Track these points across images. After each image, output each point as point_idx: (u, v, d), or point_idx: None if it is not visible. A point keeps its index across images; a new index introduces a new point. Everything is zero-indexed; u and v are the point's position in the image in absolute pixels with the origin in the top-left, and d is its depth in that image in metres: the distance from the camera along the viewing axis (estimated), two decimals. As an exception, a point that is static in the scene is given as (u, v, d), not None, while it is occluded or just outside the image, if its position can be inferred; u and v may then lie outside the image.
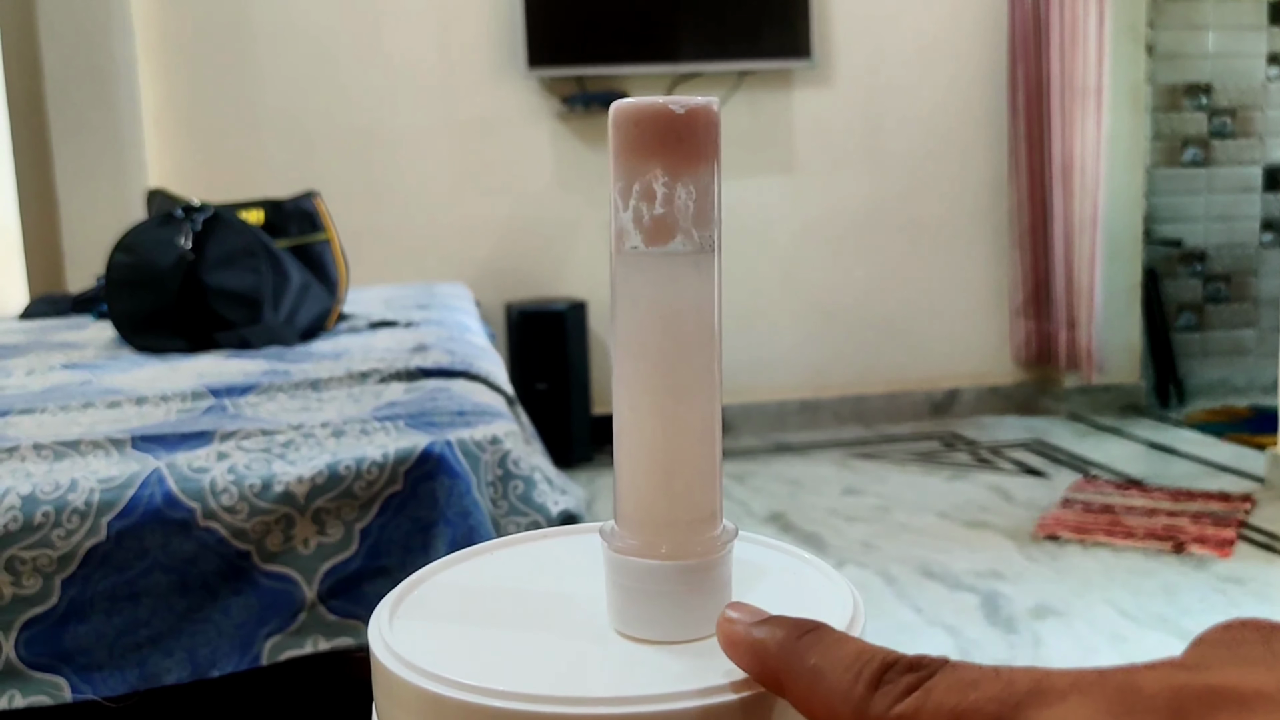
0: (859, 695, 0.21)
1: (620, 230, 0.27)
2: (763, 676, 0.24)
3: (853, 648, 0.23)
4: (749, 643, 0.24)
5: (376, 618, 0.30)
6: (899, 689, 0.21)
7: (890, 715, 0.20)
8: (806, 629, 0.23)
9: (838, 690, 0.21)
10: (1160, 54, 3.81)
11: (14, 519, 0.91)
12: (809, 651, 0.23)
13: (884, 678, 0.21)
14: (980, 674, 0.20)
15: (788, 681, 0.23)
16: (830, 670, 0.22)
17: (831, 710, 0.21)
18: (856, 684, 0.21)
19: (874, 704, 0.21)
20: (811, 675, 0.22)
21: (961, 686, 0.20)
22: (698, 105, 0.26)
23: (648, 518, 0.29)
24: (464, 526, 0.95)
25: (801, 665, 0.22)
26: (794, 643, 0.23)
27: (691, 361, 0.28)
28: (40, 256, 2.98)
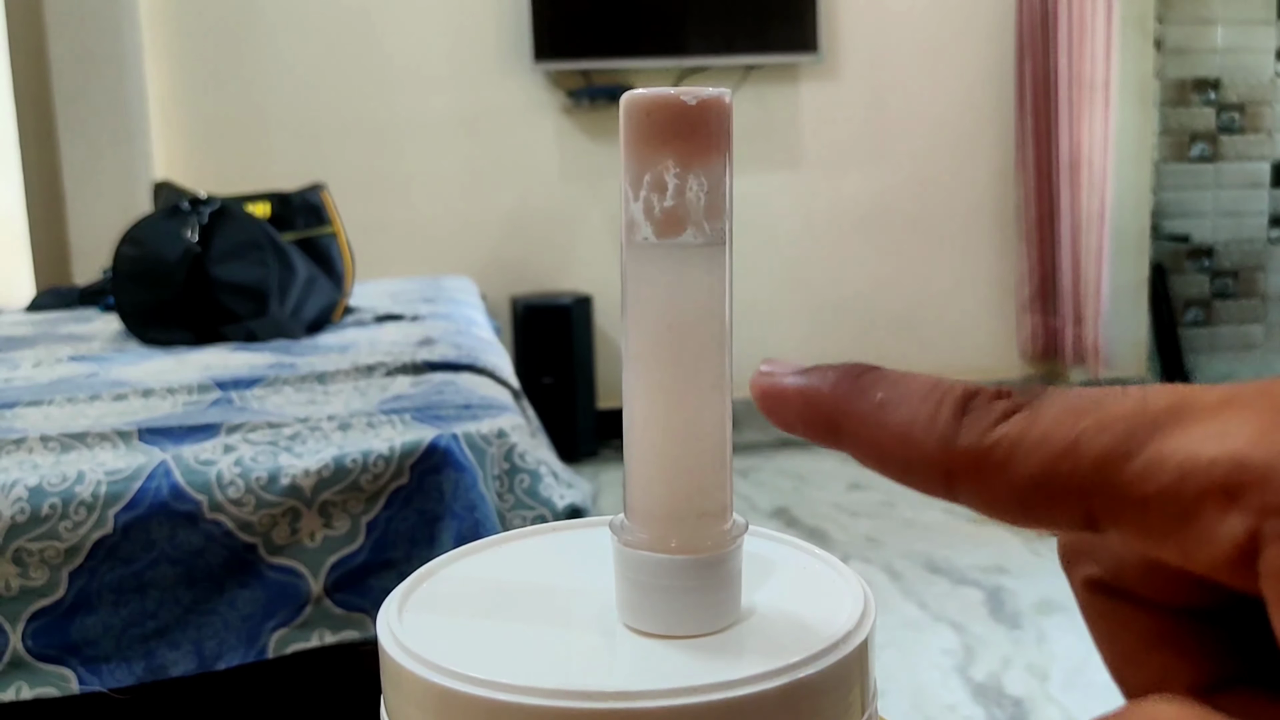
0: (943, 424, 0.17)
1: (631, 222, 0.27)
2: (814, 425, 0.20)
3: (924, 379, 0.19)
4: (795, 390, 0.21)
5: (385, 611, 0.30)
6: (993, 414, 0.17)
7: (985, 444, 0.17)
8: (862, 368, 0.20)
9: (916, 423, 0.18)
10: (1168, 49, 3.80)
11: (21, 511, 0.91)
12: (872, 388, 0.19)
13: (970, 405, 0.18)
14: (1101, 393, 0.16)
15: (849, 424, 0.19)
16: (903, 403, 0.18)
17: (907, 447, 0.18)
18: (939, 413, 0.18)
19: (963, 433, 0.17)
20: (879, 412, 0.19)
21: (1078, 408, 0.16)
22: (710, 96, 0.26)
23: (658, 511, 0.28)
24: (470, 520, 0.96)
25: (865, 403, 0.19)
26: (852, 382, 0.20)
27: (702, 354, 0.28)
28: (47, 249, 2.98)
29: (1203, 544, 0.15)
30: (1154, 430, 0.15)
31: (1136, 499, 0.15)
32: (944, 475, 0.17)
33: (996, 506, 0.17)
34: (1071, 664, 1.80)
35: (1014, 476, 0.16)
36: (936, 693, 1.76)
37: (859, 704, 0.28)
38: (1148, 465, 0.15)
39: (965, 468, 0.17)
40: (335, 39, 3.26)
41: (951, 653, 1.88)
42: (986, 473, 0.17)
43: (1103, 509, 0.16)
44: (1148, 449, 0.15)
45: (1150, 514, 0.15)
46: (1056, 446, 0.16)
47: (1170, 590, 0.18)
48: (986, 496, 0.17)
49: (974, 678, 1.80)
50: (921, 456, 0.18)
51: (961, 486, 0.17)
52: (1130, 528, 0.16)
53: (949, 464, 0.17)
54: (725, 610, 0.29)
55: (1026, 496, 0.16)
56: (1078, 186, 3.49)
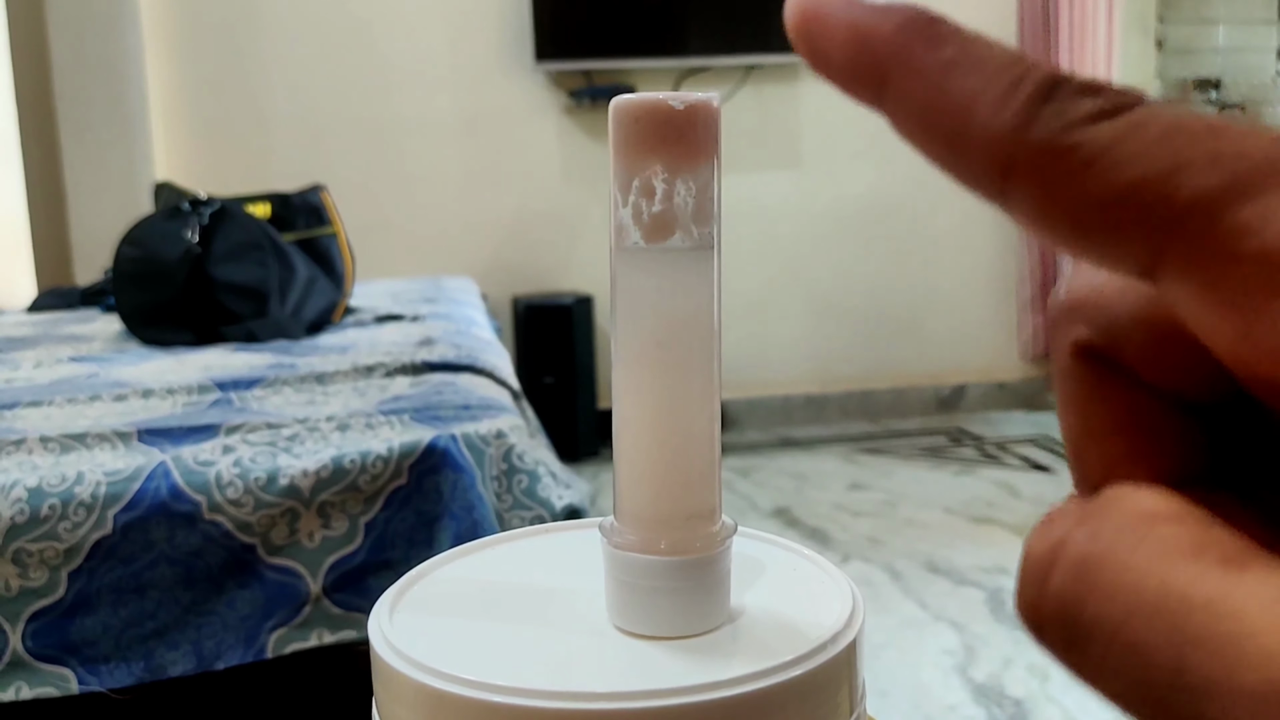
0: (1020, 105, 0.14)
1: (620, 226, 0.28)
2: (859, 69, 0.16)
3: (1005, 49, 0.15)
4: (845, 21, 0.16)
5: (377, 612, 0.30)
6: (1084, 109, 0.14)
7: (1066, 141, 0.14)
8: (931, 15, 0.16)
9: (986, 95, 0.14)
10: (1170, 48, 3.80)
11: (21, 511, 0.91)
12: (942, 42, 0.15)
13: (1056, 93, 0.14)
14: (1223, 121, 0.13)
15: (902, 77, 0.15)
16: (976, 69, 0.15)
17: (967, 121, 0.15)
18: (1017, 90, 0.14)
19: (1042, 121, 0.14)
20: (945, 70, 0.15)
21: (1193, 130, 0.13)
22: (697, 102, 0.26)
23: (647, 513, 0.29)
24: (468, 520, 0.96)
25: (930, 57, 0.15)
26: (919, 29, 0.15)
27: (691, 357, 0.28)
28: (48, 249, 2.99)
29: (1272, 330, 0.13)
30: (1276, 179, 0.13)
31: (1225, 252, 0.13)
32: (1002, 165, 0.14)
33: (1054, 220, 0.14)
34: (1071, 664, 1.80)
35: (1089, 188, 0.14)
36: (937, 693, 1.76)
37: (847, 704, 0.28)
38: (1258, 217, 0.13)
39: (1031, 163, 0.14)
40: (336, 39, 3.26)
41: (952, 653, 1.88)
42: (1056, 175, 0.14)
43: (1177, 255, 0.13)
44: (1263, 199, 0.13)
45: (1229, 276, 0.13)
46: (1152, 168, 0.13)
47: (1166, 370, 0.16)
48: (1045, 204, 0.14)
49: (975, 678, 1.80)
50: (981, 135, 0.15)
51: (1018, 184, 0.14)
52: (1196, 286, 0.13)
53: (1013, 153, 0.14)
54: (714, 611, 0.29)
55: (1092, 217, 0.14)
56: (1079, 186, 3.48)
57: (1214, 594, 0.12)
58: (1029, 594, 0.14)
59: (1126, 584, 0.13)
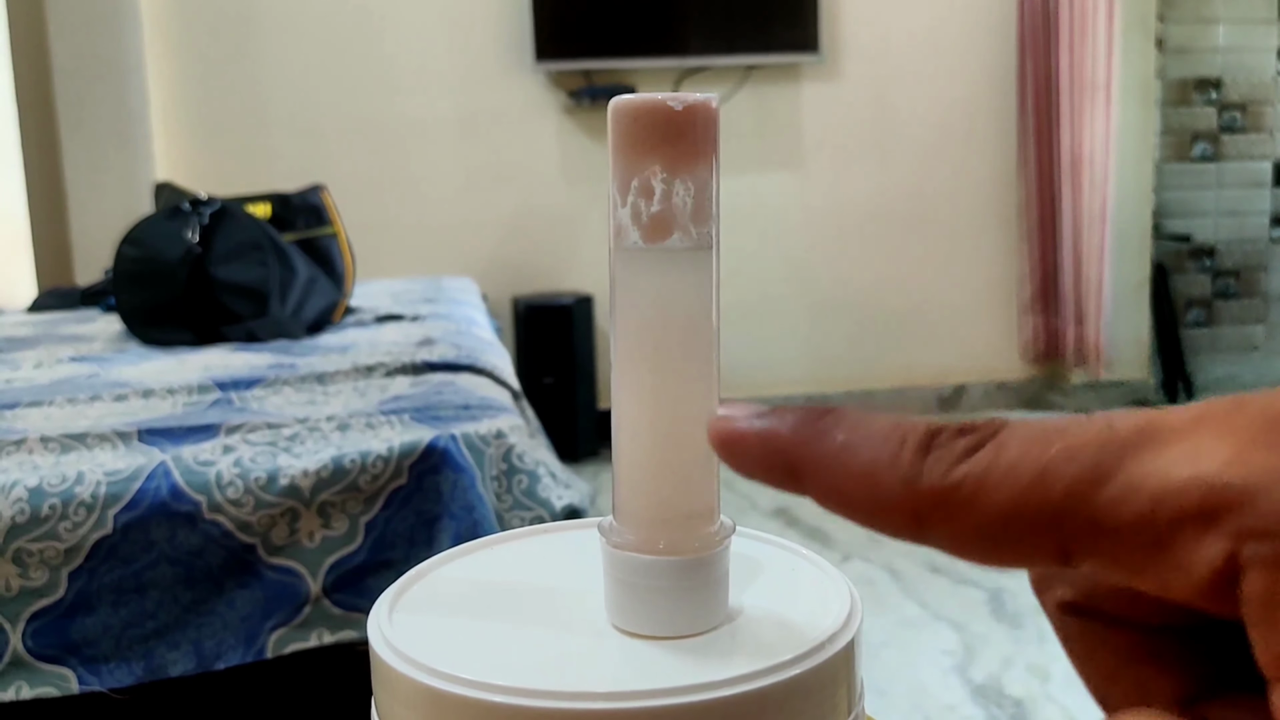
0: (907, 464, 0.17)
1: (618, 226, 0.28)
2: (774, 469, 0.19)
3: (885, 420, 0.18)
4: (754, 433, 0.19)
5: (376, 612, 0.30)
6: (956, 451, 0.16)
7: (950, 481, 0.16)
8: (822, 411, 0.19)
9: (879, 463, 0.17)
10: (1170, 48, 3.80)
11: (21, 511, 0.91)
12: (833, 430, 0.18)
13: (934, 443, 0.17)
14: (1066, 422, 0.16)
15: (810, 468, 0.18)
16: (865, 444, 0.17)
17: (872, 489, 0.17)
18: (902, 453, 0.17)
19: (927, 472, 0.16)
20: (841, 454, 0.18)
21: (1043, 437, 0.16)
22: (696, 102, 0.26)
23: (645, 513, 0.29)
24: (468, 520, 0.96)
25: (827, 445, 0.18)
26: (813, 424, 0.18)
27: (689, 357, 0.28)
28: (48, 250, 2.99)
29: (1180, 571, 0.14)
30: (1124, 455, 0.15)
31: (1109, 529, 0.15)
32: (911, 517, 0.17)
33: (966, 546, 0.16)
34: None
35: (982, 513, 0.16)
36: (937, 692, 1.76)
37: (845, 704, 0.28)
38: (1120, 492, 0.15)
39: (932, 508, 0.16)
40: (336, 40, 3.26)
41: (952, 652, 1.88)
42: (953, 511, 0.16)
43: (1076, 541, 0.15)
44: (1119, 475, 0.15)
45: (1125, 543, 0.15)
46: (1024, 479, 0.16)
47: (1144, 610, 0.18)
48: (955, 537, 0.16)
49: (974, 678, 1.80)
50: (887, 499, 0.17)
51: (930, 528, 0.17)
52: (1105, 559, 0.15)
53: (915, 505, 0.17)
54: (713, 611, 0.29)
55: (996, 533, 0.16)
56: (1079, 186, 3.49)
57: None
58: None
59: None
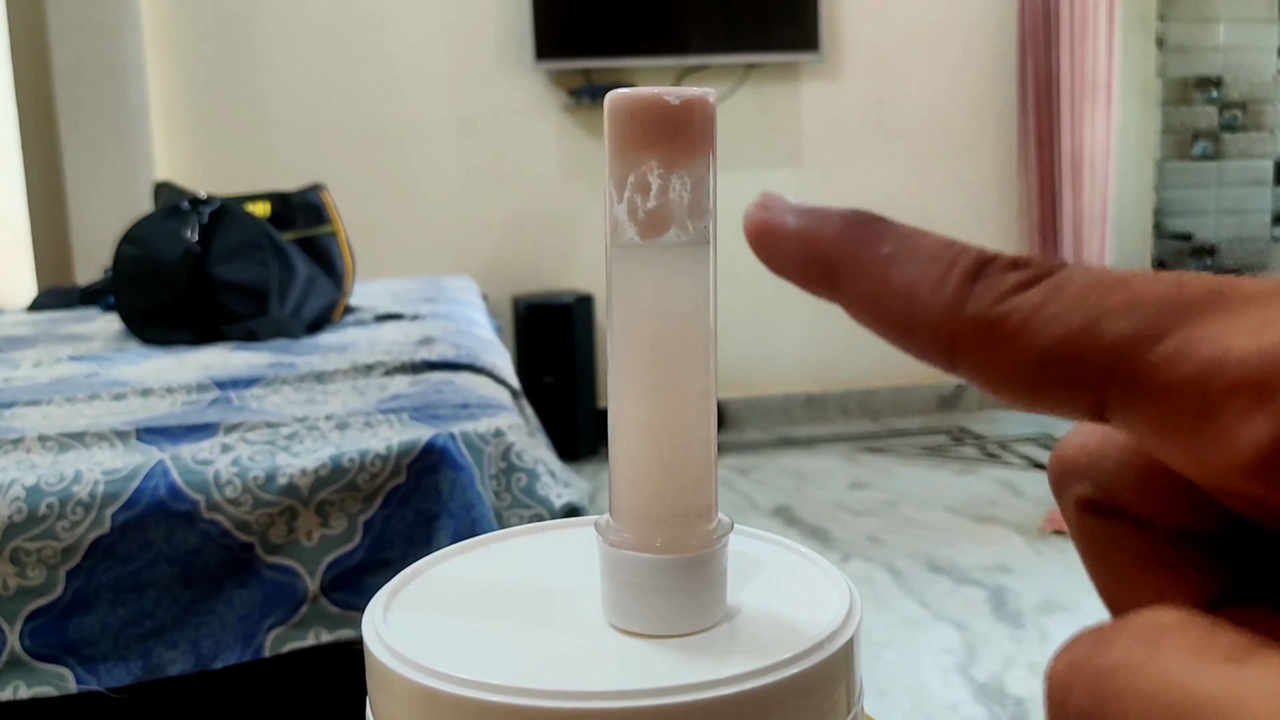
0: (953, 288, 0.16)
1: (615, 223, 0.27)
2: (810, 270, 0.18)
3: (937, 238, 0.17)
4: (793, 231, 0.18)
5: (371, 611, 0.30)
6: (1008, 283, 0.16)
7: (996, 313, 0.15)
8: (870, 218, 0.18)
9: (923, 282, 0.16)
10: (1170, 47, 3.79)
11: (19, 510, 0.91)
12: (880, 239, 0.17)
13: (984, 271, 0.16)
14: (1133, 274, 0.15)
15: (849, 275, 0.17)
16: (912, 260, 0.17)
17: (910, 306, 0.16)
18: (949, 275, 0.16)
19: (973, 299, 0.16)
20: (885, 265, 0.17)
21: (1104, 285, 0.15)
22: (693, 97, 0.26)
23: (643, 511, 0.28)
24: (467, 519, 0.96)
25: (871, 254, 0.17)
26: (859, 230, 0.18)
27: (687, 354, 0.28)
28: (48, 249, 2.99)
29: (1220, 444, 0.14)
30: (1187, 316, 0.14)
31: (1157, 386, 0.14)
32: (947, 342, 0.16)
33: (1000, 382, 0.16)
34: (1072, 663, 1.80)
35: (1023, 351, 0.15)
36: (938, 692, 1.75)
37: (845, 703, 0.28)
38: (1174, 351, 0.14)
39: (971, 336, 0.16)
40: (336, 39, 3.26)
41: (953, 652, 1.88)
42: (993, 344, 0.16)
43: (1117, 394, 0.15)
44: (1177, 335, 0.14)
45: (1168, 404, 0.14)
46: (1075, 323, 0.15)
47: (1166, 509, 0.17)
48: (990, 370, 0.16)
49: (976, 677, 1.80)
50: (925, 319, 0.16)
51: (964, 357, 0.16)
52: (1143, 419, 0.14)
53: (954, 331, 0.16)
54: (711, 609, 0.29)
55: (1035, 373, 0.15)
56: (1080, 185, 3.48)
57: (1217, 690, 0.13)
58: (1055, 715, 0.15)
59: (1138, 692, 0.13)
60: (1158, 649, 0.14)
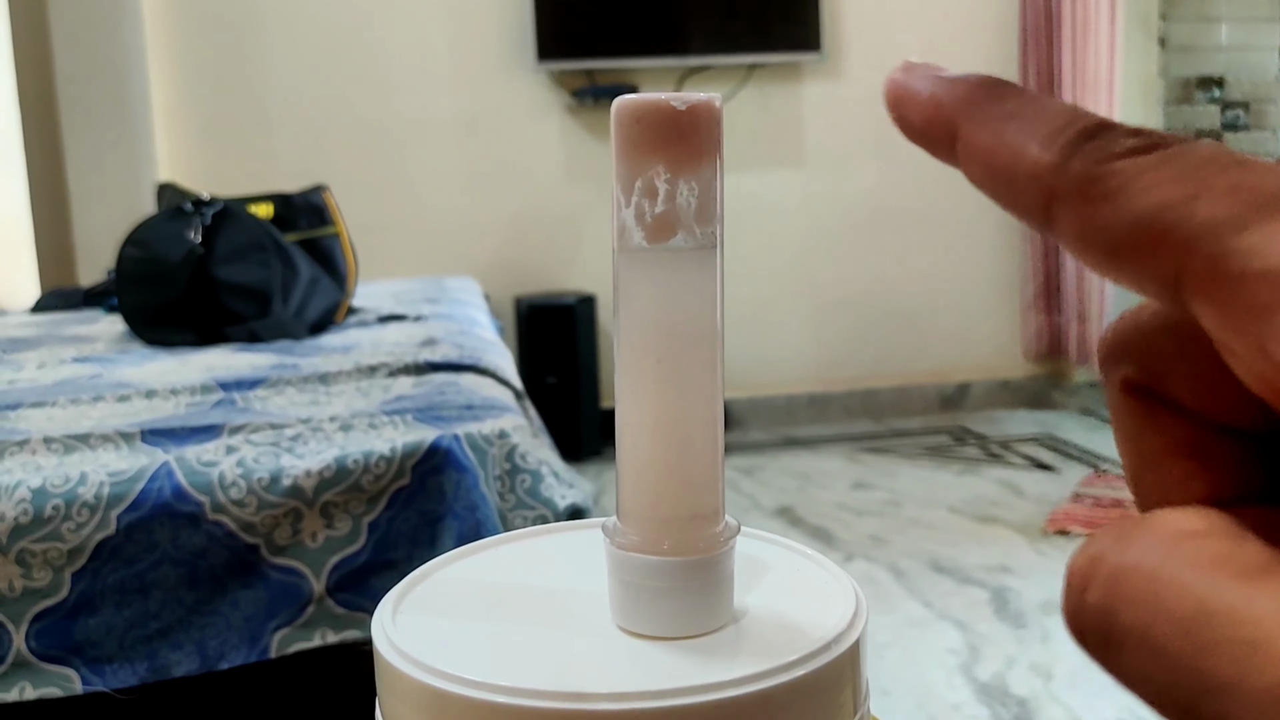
0: (1064, 143, 0.16)
1: (622, 227, 0.27)
2: (934, 129, 0.18)
3: (1063, 104, 0.17)
4: (926, 94, 0.18)
5: (380, 612, 0.30)
6: (1120, 146, 0.15)
7: (1100, 171, 0.15)
8: (1001, 81, 0.18)
9: (1037, 135, 0.16)
10: (1173, 47, 3.79)
11: (24, 512, 0.91)
12: (1004, 99, 0.17)
13: (1101, 133, 0.16)
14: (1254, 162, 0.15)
15: (969, 129, 0.17)
16: (1032, 116, 0.17)
17: (1019, 160, 0.16)
18: (1064, 130, 0.16)
19: (1083, 155, 0.16)
20: (1003, 120, 0.17)
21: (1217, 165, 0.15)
22: (699, 102, 0.26)
23: (650, 513, 0.29)
24: (471, 520, 0.96)
25: (994, 110, 0.17)
26: (985, 90, 0.18)
27: (693, 357, 0.28)
28: (51, 250, 2.99)
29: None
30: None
31: (1235, 272, 0.14)
32: (1047, 195, 0.16)
33: (1087, 243, 0.16)
34: (1076, 664, 1.80)
35: (1117, 212, 0.15)
36: (941, 692, 1.75)
37: (851, 704, 0.28)
38: (1260, 241, 0.14)
39: (1071, 191, 0.16)
40: (338, 40, 3.26)
41: (956, 652, 1.88)
42: (1091, 201, 0.15)
43: (1195, 273, 0.14)
44: (1267, 226, 0.14)
45: (1239, 294, 0.14)
46: (1174, 194, 0.15)
47: (1211, 401, 0.17)
48: (1081, 229, 0.16)
49: (978, 677, 1.80)
50: (1030, 171, 0.16)
51: (1061, 211, 0.16)
52: (1213, 304, 0.14)
53: (1056, 184, 0.16)
54: (717, 612, 0.29)
55: (1123, 237, 0.15)
56: (1082, 185, 3.48)
57: (1232, 603, 0.13)
58: (1071, 605, 0.15)
59: (1153, 595, 0.13)
60: (1176, 555, 0.14)
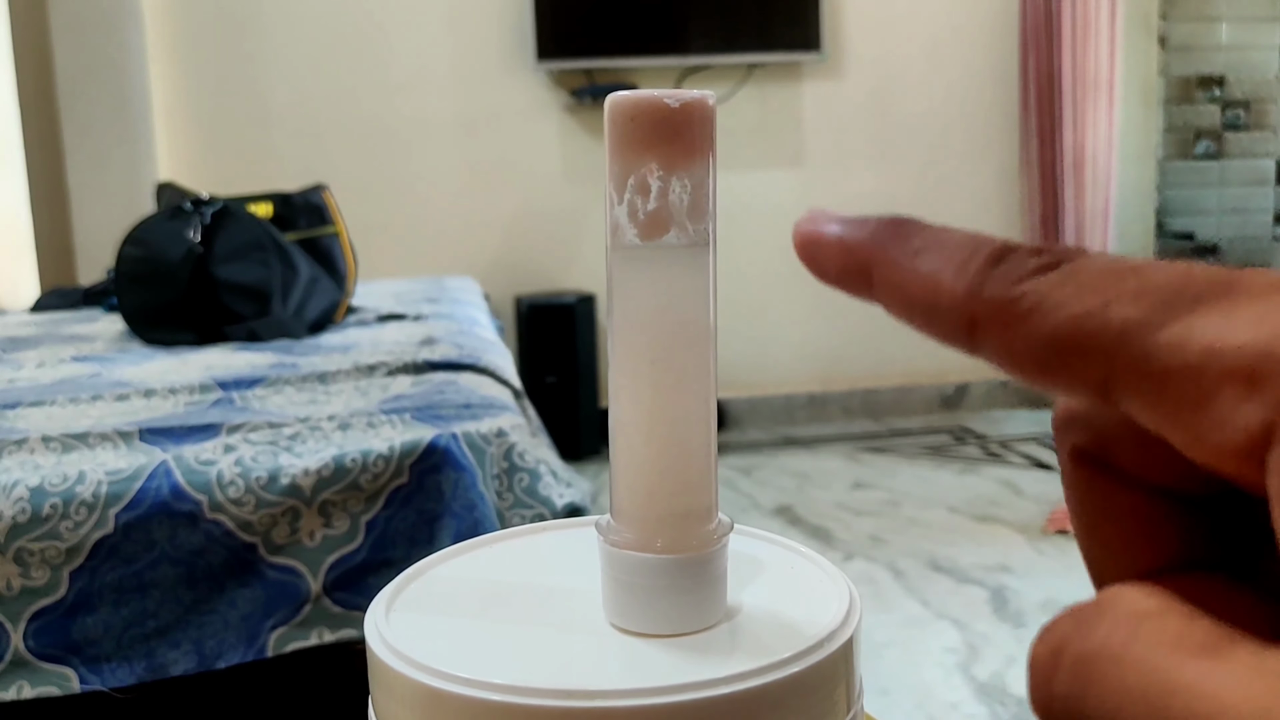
0: (974, 272, 0.17)
1: (616, 224, 0.27)
2: (849, 272, 0.20)
3: (964, 233, 0.18)
4: (834, 238, 0.20)
5: (373, 611, 0.30)
6: (1026, 267, 0.17)
7: (1013, 294, 0.16)
8: (903, 219, 0.19)
9: (947, 270, 0.17)
10: (1173, 46, 3.79)
11: (22, 511, 0.91)
12: (910, 236, 0.19)
13: (1005, 257, 0.17)
14: (1146, 263, 0.16)
15: (883, 271, 0.19)
16: (938, 251, 0.18)
17: (935, 294, 0.18)
18: (971, 260, 0.17)
19: (992, 281, 0.17)
20: (913, 257, 0.18)
21: (1117, 273, 0.16)
22: (692, 99, 0.26)
23: (643, 512, 0.28)
24: (469, 519, 0.96)
25: (901, 249, 0.18)
26: (892, 230, 0.19)
27: (687, 354, 0.28)
28: (51, 250, 2.99)
29: (1214, 429, 0.14)
30: (1192, 305, 0.15)
31: (1157, 371, 0.15)
32: (968, 323, 0.17)
33: (1015, 360, 0.17)
34: (1074, 662, 1.80)
35: (1037, 330, 0.16)
36: (940, 691, 1.75)
37: (844, 702, 0.28)
38: (1177, 338, 0.15)
39: (990, 317, 0.17)
40: (338, 40, 3.26)
41: (955, 651, 1.88)
42: (1010, 324, 0.17)
43: (1120, 377, 0.15)
44: (1180, 322, 0.15)
45: (1168, 390, 0.15)
46: (1086, 306, 0.16)
47: (1156, 469, 0.18)
48: (1006, 349, 0.17)
49: (977, 676, 1.80)
50: (948, 303, 0.17)
51: (983, 336, 0.17)
52: (1144, 401, 0.15)
53: (974, 312, 0.17)
54: (711, 609, 0.29)
55: (1047, 353, 0.16)
56: (1081, 185, 3.48)
57: (1192, 680, 0.13)
58: (1039, 694, 0.15)
59: (1118, 678, 0.14)
60: (1136, 637, 0.14)
